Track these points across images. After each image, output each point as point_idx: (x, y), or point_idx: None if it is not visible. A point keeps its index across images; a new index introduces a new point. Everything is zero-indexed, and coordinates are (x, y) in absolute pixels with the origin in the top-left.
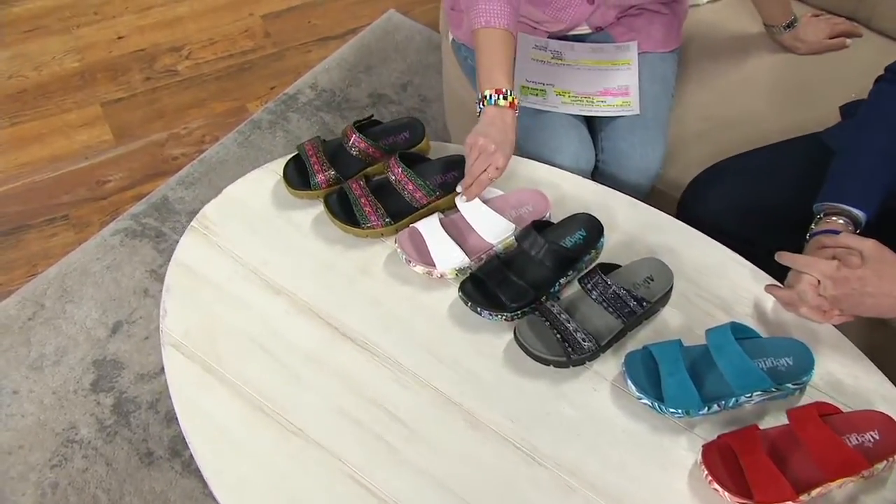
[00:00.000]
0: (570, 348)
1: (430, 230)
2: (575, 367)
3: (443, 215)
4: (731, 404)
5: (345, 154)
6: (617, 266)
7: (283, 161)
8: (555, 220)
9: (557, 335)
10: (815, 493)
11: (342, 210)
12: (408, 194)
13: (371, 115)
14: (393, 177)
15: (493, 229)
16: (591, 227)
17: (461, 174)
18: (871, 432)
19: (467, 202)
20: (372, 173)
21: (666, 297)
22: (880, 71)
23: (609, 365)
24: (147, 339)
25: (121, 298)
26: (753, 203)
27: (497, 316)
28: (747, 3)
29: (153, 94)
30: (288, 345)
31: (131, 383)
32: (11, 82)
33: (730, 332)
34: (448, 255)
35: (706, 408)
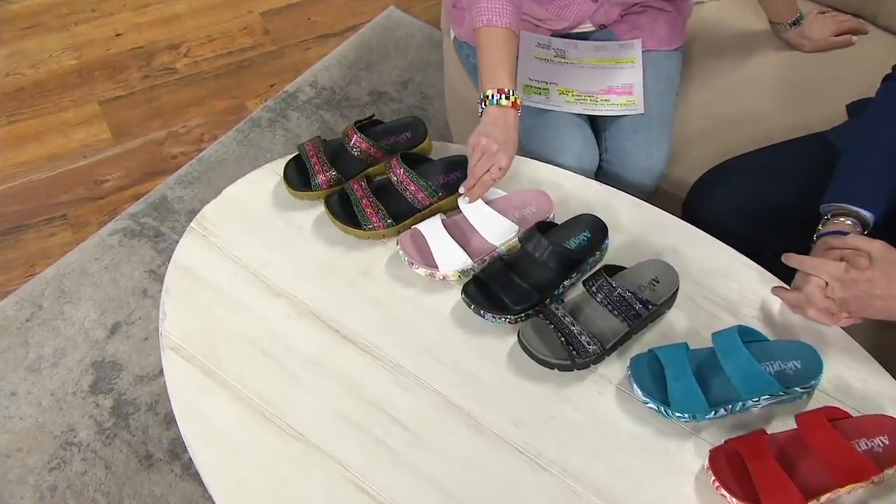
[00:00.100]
0: (574, 351)
1: (433, 231)
2: (579, 370)
3: (445, 216)
4: (738, 408)
5: (346, 154)
6: (622, 268)
7: (284, 161)
8: (558, 221)
9: (562, 338)
10: (824, 499)
11: (343, 211)
12: (410, 195)
13: (372, 115)
14: (395, 177)
15: (497, 231)
16: (595, 229)
17: (464, 175)
18: (881, 437)
19: (470, 203)
20: (373, 174)
21: (671, 300)
22: (887, 69)
23: (614, 368)
24: (146, 339)
25: (119, 299)
26: (759, 203)
27: (500, 318)
28: (752, 1)
29: (151, 92)
30: (288, 348)
31: (130, 385)
32: (9, 80)
33: (737, 335)
34: (450, 257)
35: (713, 412)
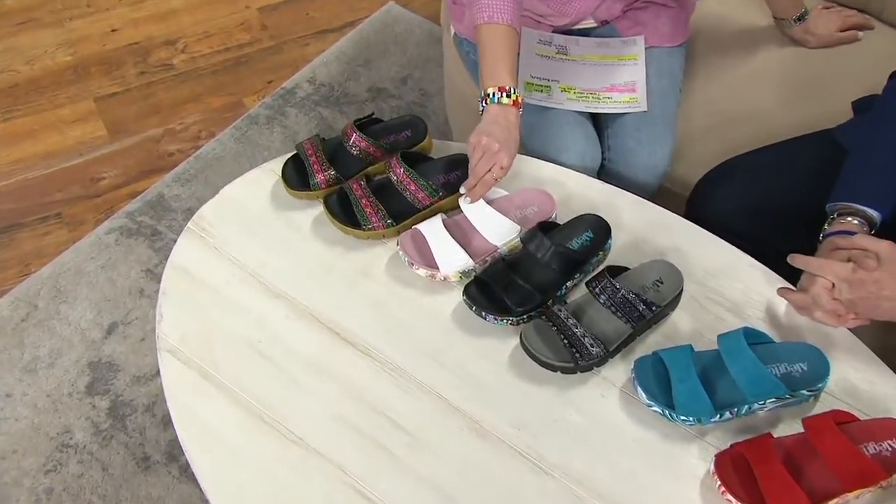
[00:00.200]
0: (577, 354)
1: (433, 232)
2: (583, 372)
3: (446, 216)
4: (743, 412)
5: (345, 153)
6: (625, 269)
7: (282, 160)
8: (561, 221)
9: (564, 340)
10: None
11: (342, 211)
12: (410, 195)
13: (371, 113)
14: (394, 177)
15: (498, 231)
16: (598, 229)
17: (464, 174)
18: (890, 441)
19: (471, 203)
20: (373, 173)
21: (676, 301)
22: (893, 65)
23: (618, 371)
24: (143, 340)
25: (116, 299)
26: (764, 202)
27: (502, 320)
28: None
29: (148, 88)
30: (287, 350)
31: (127, 386)
32: (3, 76)
33: (743, 337)
34: (451, 258)
35: (718, 415)
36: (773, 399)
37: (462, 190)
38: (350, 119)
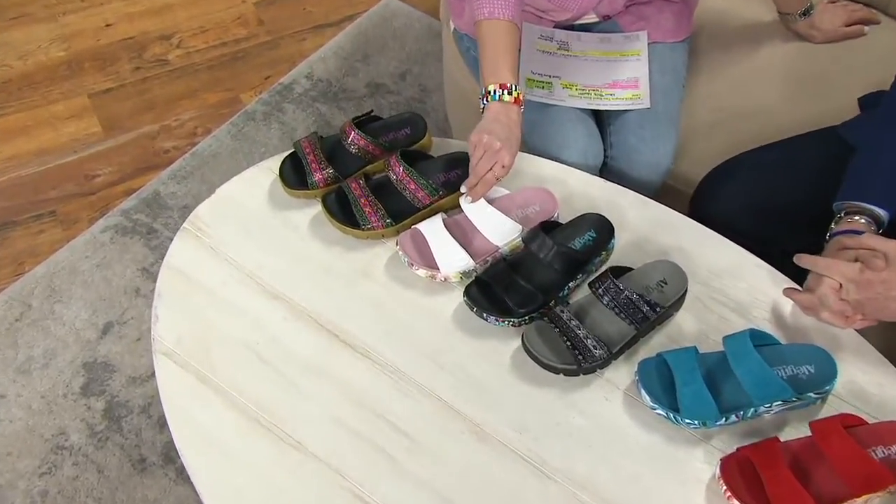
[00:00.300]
0: (580, 356)
1: (433, 231)
2: (585, 375)
3: (446, 216)
4: (749, 415)
5: (343, 151)
6: (628, 269)
7: (279, 158)
8: (563, 220)
9: (567, 342)
10: None
11: (341, 210)
12: (409, 194)
13: (370, 111)
14: (394, 176)
15: (499, 230)
16: (601, 228)
17: (465, 172)
18: None
19: (472, 203)
20: (372, 171)
21: (680, 302)
22: None
23: (621, 373)
24: (139, 340)
25: (111, 298)
26: (769, 200)
27: (504, 322)
28: None
29: (143, 84)
30: (285, 352)
31: (123, 386)
32: None
33: (748, 339)
34: (452, 258)
35: (724, 418)
36: (779, 402)
37: (463, 189)
38: (348, 115)
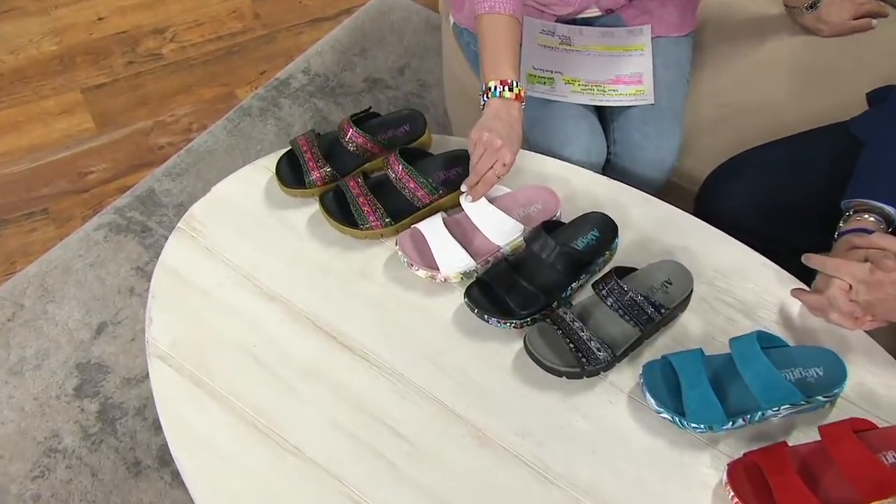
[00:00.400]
0: (583, 358)
1: (433, 231)
2: (589, 378)
3: (446, 215)
4: (756, 418)
5: (341, 149)
6: (632, 269)
7: (276, 156)
8: (565, 219)
9: (570, 344)
10: None
11: (339, 210)
12: (409, 193)
13: (369, 108)
14: (393, 174)
15: (501, 230)
16: (604, 227)
17: (465, 170)
18: None
19: (473, 202)
20: (370, 169)
21: (685, 303)
22: None
23: (625, 376)
24: (133, 340)
25: (105, 298)
26: (776, 198)
27: (505, 323)
28: None
29: (136, 79)
30: (282, 355)
31: (117, 388)
32: None
33: (756, 341)
34: (452, 258)
35: (730, 422)
36: (787, 405)
37: (463, 188)
38: (346, 111)
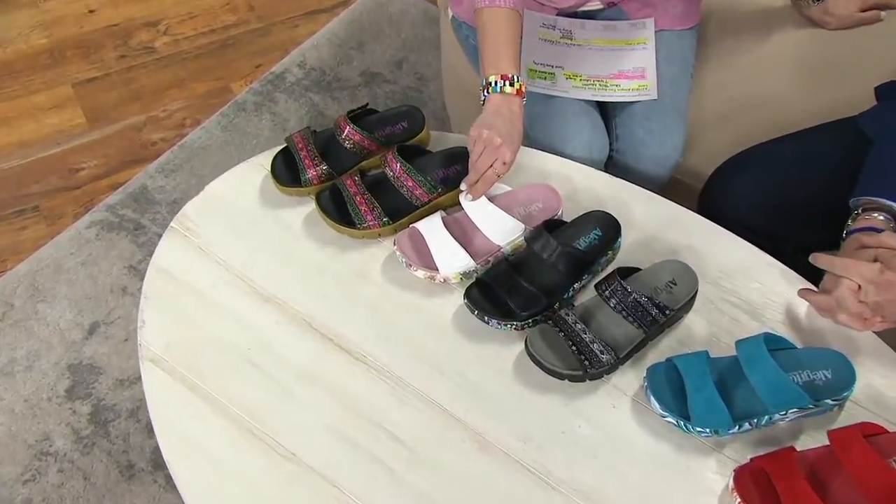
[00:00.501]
0: (586, 361)
1: (432, 230)
2: (592, 381)
3: (445, 214)
4: (763, 422)
5: (337, 147)
6: (636, 269)
7: (271, 154)
8: (567, 218)
9: (572, 346)
10: None
11: (336, 209)
12: (407, 191)
13: (366, 104)
14: (391, 172)
15: (501, 229)
16: (607, 226)
17: (465, 168)
18: None
19: (472, 201)
20: (367, 168)
21: (690, 303)
22: None
23: (629, 378)
24: (126, 341)
25: (97, 297)
26: (782, 195)
27: (506, 325)
28: None
29: (129, 73)
30: (277, 358)
31: (110, 389)
32: None
33: (763, 344)
34: (452, 258)
35: (737, 426)
36: (795, 409)
37: (462, 186)
38: (342, 106)
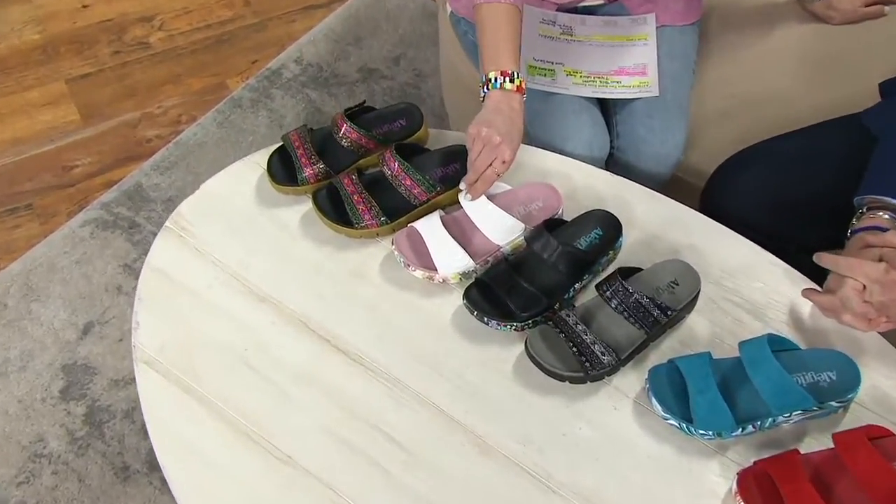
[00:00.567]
0: (587, 362)
1: (431, 230)
2: (593, 382)
3: (444, 213)
4: (767, 425)
5: (334, 145)
6: (637, 269)
7: (267, 152)
8: (567, 217)
9: (573, 347)
10: None
11: (333, 208)
12: (405, 190)
13: (363, 101)
14: (388, 171)
15: (501, 229)
16: (607, 225)
17: (463, 166)
18: None
19: (472, 200)
20: (365, 166)
21: (692, 304)
22: None
23: (630, 380)
24: (121, 341)
25: (92, 296)
26: (785, 193)
27: (505, 326)
28: None
29: (123, 69)
30: (274, 360)
31: (104, 390)
32: None
33: (766, 345)
34: (450, 258)
35: (740, 429)
36: (799, 411)
37: (462, 185)
38: (340, 102)
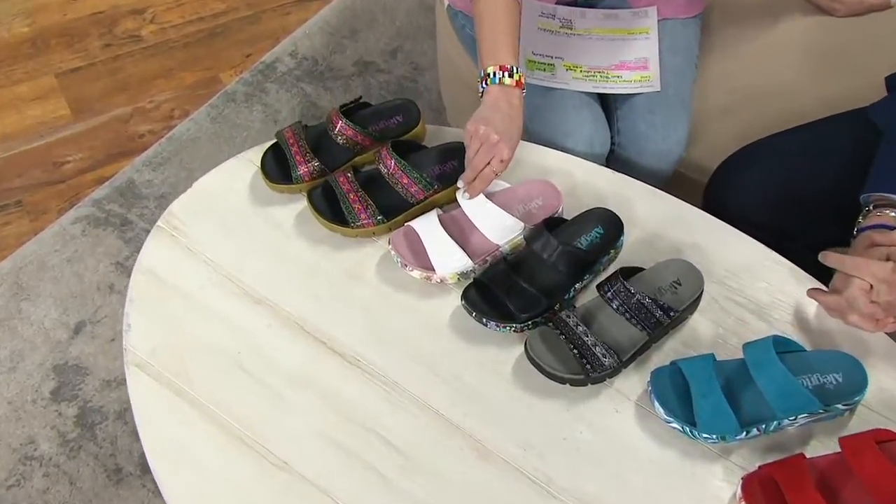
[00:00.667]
0: (588, 364)
1: (428, 229)
2: (594, 385)
3: (442, 212)
4: (772, 428)
5: (330, 142)
6: (639, 269)
7: (261, 149)
8: (568, 215)
9: (573, 349)
10: None
11: (328, 207)
12: (402, 188)
13: (359, 97)
14: (385, 169)
15: (499, 228)
16: (608, 224)
17: (461, 163)
18: None
19: (470, 199)
20: (361, 163)
21: (695, 304)
22: None
23: (632, 382)
24: (113, 340)
25: (83, 295)
26: (790, 190)
27: (505, 327)
28: None
29: (114, 62)
30: (268, 362)
31: (96, 391)
32: None
33: (771, 347)
34: (448, 258)
35: (744, 432)
36: (804, 414)
37: (459, 184)
38: (335, 96)
